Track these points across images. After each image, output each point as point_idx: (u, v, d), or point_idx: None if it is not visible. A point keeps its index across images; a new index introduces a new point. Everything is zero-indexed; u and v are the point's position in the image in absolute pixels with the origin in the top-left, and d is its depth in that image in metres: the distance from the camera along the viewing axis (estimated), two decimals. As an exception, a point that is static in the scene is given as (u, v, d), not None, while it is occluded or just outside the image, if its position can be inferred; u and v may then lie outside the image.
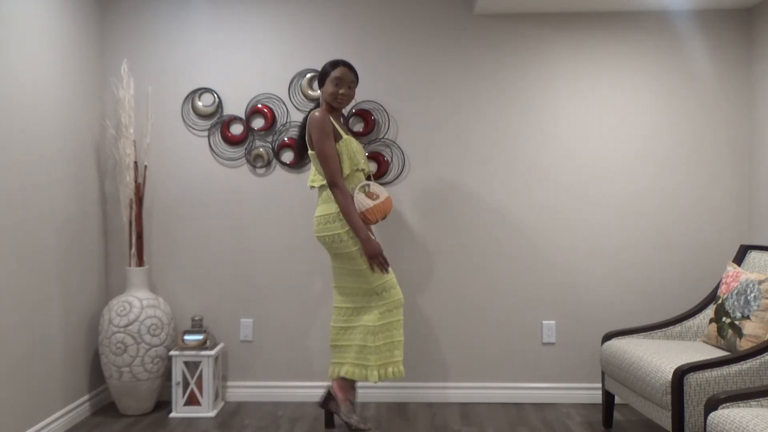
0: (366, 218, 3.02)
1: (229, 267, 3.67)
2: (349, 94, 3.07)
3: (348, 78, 3.05)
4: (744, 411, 2.10)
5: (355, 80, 3.09)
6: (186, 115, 3.66)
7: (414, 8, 3.63)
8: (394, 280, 3.06)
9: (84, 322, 3.42)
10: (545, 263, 3.63)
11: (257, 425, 3.27)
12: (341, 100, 3.06)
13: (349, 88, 3.06)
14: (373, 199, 3.03)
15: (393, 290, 3.04)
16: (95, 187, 3.57)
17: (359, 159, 3.08)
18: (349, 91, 3.07)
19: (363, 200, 3.01)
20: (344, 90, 3.04)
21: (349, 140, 3.05)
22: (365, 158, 3.19)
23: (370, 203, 3.02)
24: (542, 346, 3.64)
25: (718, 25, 3.56)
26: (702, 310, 3.19)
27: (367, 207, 3.01)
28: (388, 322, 3.02)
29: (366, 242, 2.97)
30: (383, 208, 3.06)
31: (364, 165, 3.14)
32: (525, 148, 3.62)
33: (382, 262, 3.01)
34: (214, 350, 3.44)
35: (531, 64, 3.62)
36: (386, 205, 3.08)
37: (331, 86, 3.03)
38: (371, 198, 3.03)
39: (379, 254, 3.00)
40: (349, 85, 3.06)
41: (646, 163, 3.60)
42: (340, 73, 3.03)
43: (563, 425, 3.26)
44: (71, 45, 3.34)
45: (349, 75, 3.05)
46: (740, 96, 3.58)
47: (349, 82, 3.05)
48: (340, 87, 3.03)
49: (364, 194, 3.03)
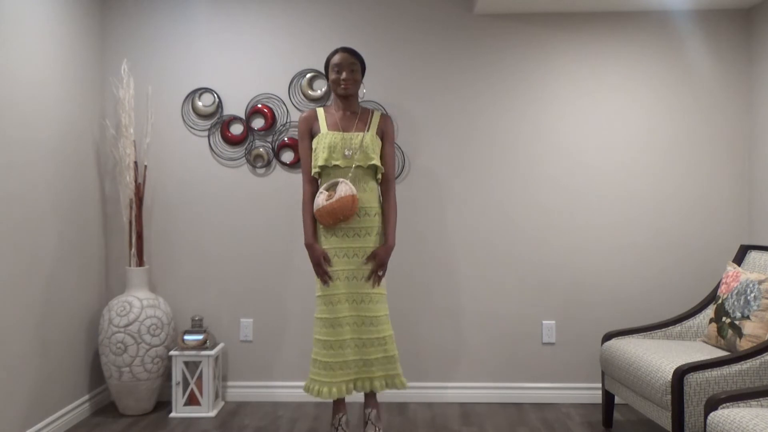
0: (319, 220, 2.89)
1: (229, 267, 3.67)
2: (352, 78, 2.94)
3: (347, 61, 2.93)
4: (744, 411, 2.10)
5: (357, 62, 2.96)
6: (186, 115, 3.66)
7: (414, 8, 3.63)
8: (337, 296, 2.86)
9: (84, 322, 3.42)
10: (545, 263, 3.63)
11: (257, 425, 3.27)
12: (345, 86, 2.94)
13: (351, 72, 2.93)
14: (326, 200, 2.84)
15: (331, 306, 2.86)
16: (95, 187, 3.57)
17: (324, 155, 2.88)
18: (351, 75, 2.93)
19: (318, 200, 2.88)
20: (346, 74, 2.92)
21: (323, 135, 2.92)
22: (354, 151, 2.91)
23: (320, 204, 2.85)
24: (542, 346, 3.64)
25: (718, 25, 3.57)
26: (702, 310, 3.19)
27: (317, 208, 2.88)
28: (324, 339, 2.87)
29: (307, 248, 2.92)
30: (331, 210, 2.82)
31: (341, 160, 2.89)
32: (525, 148, 3.63)
33: (321, 273, 2.88)
34: (214, 350, 3.44)
35: (531, 63, 3.62)
36: (335, 207, 2.82)
37: (332, 74, 2.96)
38: (327, 198, 2.85)
39: (318, 263, 2.87)
40: (351, 68, 2.93)
41: (645, 163, 3.60)
42: (339, 59, 2.94)
43: (563, 425, 3.26)
44: (71, 45, 3.34)
45: (348, 58, 2.94)
46: (740, 96, 3.58)
47: (349, 65, 2.93)
48: (340, 73, 2.93)
49: (325, 194, 2.86)
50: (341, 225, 2.89)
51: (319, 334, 2.88)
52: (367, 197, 2.93)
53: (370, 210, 2.94)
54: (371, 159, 2.93)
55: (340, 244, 2.90)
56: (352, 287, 2.89)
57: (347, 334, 2.86)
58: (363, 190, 2.92)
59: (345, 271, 2.89)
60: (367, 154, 2.92)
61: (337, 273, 2.88)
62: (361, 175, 2.94)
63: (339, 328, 2.86)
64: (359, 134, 2.94)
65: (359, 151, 2.92)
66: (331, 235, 2.91)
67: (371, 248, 2.93)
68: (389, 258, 2.98)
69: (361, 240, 2.92)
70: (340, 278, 2.88)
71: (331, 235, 2.91)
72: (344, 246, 2.90)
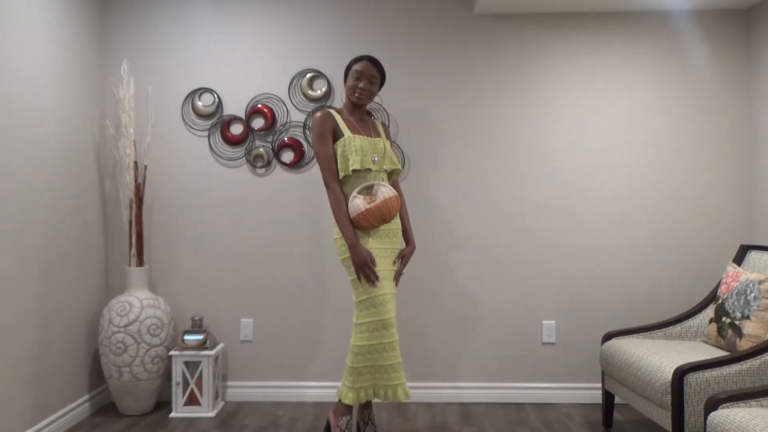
0: (358, 223, 2.84)
1: (229, 267, 3.68)
2: (369, 89, 2.94)
3: (369, 72, 2.92)
4: (744, 411, 2.10)
5: (378, 76, 2.96)
6: (186, 115, 3.66)
7: (414, 8, 3.63)
8: (386, 296, 2.80)
9: (84, 322, 3.42)
10: (545, 263, 3.63)
11: (257, 425, 3.27)
12: (360, 95, 2.93)
13: (370, 83, 2.93)
14: (368, 203, 2.83)
15: (382, 307, 2.78)
16: (95, 187, 3.57)
17: (358, 158, 2.86)
18: (369, 86, 2.93)
19: (356, 204, 2.83)
20: (364, 84, 2.92)
21: (350, 139, 2.88)
22: (380, 156, 2.94)
23: (363, 207, 2.82)
24: (542, 346, 3.64)
25: (718, 25, 3.57)
26: (702, 310, 3.19)
27: (359, 211, 2.82)
28: (371, 344, 2.76)
29: (351, 249, 2.80)
30: (378, 212, 2.83)
31: (372, 164, 2.91)
32: (525, 148, 3.63)
33: (368, 274, 2.80)
34: (214, 350, 3.45)
35: (531, 63, 3.62)
36: (382, 209, 2.84)
37: (351, 80, 2.95)
38: (368, 201, 2.84)
39: (365, 264, 2.79)
40: (370, 80, 2.93)
41: (645, 163, 3.60)
42: (361, 66, 2.92)
43: (563, 425, 3.26)
44: (71, 45, 3.34)
45: (371, 69, 2.93)
46: (740, 96, 3.58)
47: (369, 76, 2.93)
48: (359, 81, 2.92)
49: (362, 197, 2.85)
50: (382, 227, 2.89)
51: (370, 338, 2.77)
52: None
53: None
54: (395, 164, 3.02)
55: (378, 246, 2.88)
56: (391, 288, 2.89)
57: (396, 335, 2.82)
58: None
59: (386, 271, 2.88)
60: (392, 159, 3.01)
61: (382, 273, 2.86)
62: (385, 180, 2.99)
63: (392, 329, 2.79)
64: (380, 140, 2.99)
65: (385, 156, 2.98)
66: (368, 237, 2.87)
67: (398, 250, 2.97)
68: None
69: (391, 242, 2.94)
70: (385, 278, 2.86)
71: (369, 237, 2.87)
72: (381, 247, 2.90)
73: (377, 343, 2.77)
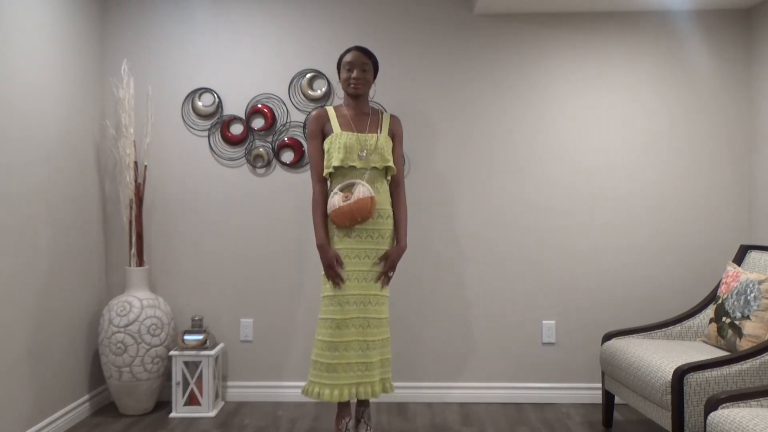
0: (333, 221, 2.85)
1: (229, 267, 3.67)
2: (363, 78, 2.91)
3: (359, 61, 2.91)
4: (744, 411, 2.10)
5: (369, 62, 2.94)
6: (186, 115, 3.66)
7: (414, 8, 3.63)
8: (348, 297, 2.83)
9: (84, 322, 3.42)
10: (545, 263, 3.63)
11: (257, 425, 3.27)
12: (355, 85, 2.91)
13: (363, 71, 2.91)
14: (343, 201, 2.82)
15: (329, 308, 2.83)
16: (95, 187, 3.57)
17: (341, 156, 2.84)
18: (363, 75, 2.91)
19: (333, 201, 2.84)
20: (357, 73, 2.90)
21: (336, 135, 2.88)
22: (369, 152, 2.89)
23: (337, 204, 2.82)
24: (542, 346, 3.64)
25: (718, 25, 3.57)
26: (702, 310, 3.19)
27: (333, 208, 2.83)
28: (327, 341, 2.82)
29: (318, 249, 2.87)
30: (348, 212, 2.80)
31: (357, 161, 2.87)
32: (525, 148, 3.63)
33: (333, 276, 2.83)
34: (214, 350, 3.45)
35: (531, 64, 3.62)
36: (353, 209, 2.80)
37: (344, 72, 2.94)
38: (344, 199, 2.82)
39: (330, 266, 2.83)
40: (363, 68, 2.91)
41: (646, 163, 3.60)
42: (351, 57, 2.92)
43: (563, 425, 3.26)
44: (71, 45, 3.34)
45: (361, 58, 2.92)
46: (740, 96, 3.58)
47: (361, 64, 2.91)
48: (352, 71, 2.91)
49: (341, 194, 2.84)
50: (357, 227, 2.87)
51: (324, 335, 2.84)
52: (381, 199, 2.92)
53: (384, 212, 2.93)
54: (387, 161, 2.93)
55: (353, 246, 2.87)
56: (361, 289, 2.87)
57: (352, 336, 2.84)
58: (377, 192, 2.90)
59: (356, 272, 2.87)
60: (383, 156, 2.92)
61: (348, 274, 2.86)
62: (375, 177, 2.93)
63: (346, 330, 2.83)
64: (373, 135, 2.94)
65: (375, 153, 2.91)
66: (345, 236, 2.88)
67: (383, 251, 2.93)
68: (399, 260, 2.99)
69: (374, 242, 2.90)
70: (350, 279, 2.86)
71: (345, 237, 2.87)
72: (358, 247, 2.88)
73: (330, 341, 2.82)
